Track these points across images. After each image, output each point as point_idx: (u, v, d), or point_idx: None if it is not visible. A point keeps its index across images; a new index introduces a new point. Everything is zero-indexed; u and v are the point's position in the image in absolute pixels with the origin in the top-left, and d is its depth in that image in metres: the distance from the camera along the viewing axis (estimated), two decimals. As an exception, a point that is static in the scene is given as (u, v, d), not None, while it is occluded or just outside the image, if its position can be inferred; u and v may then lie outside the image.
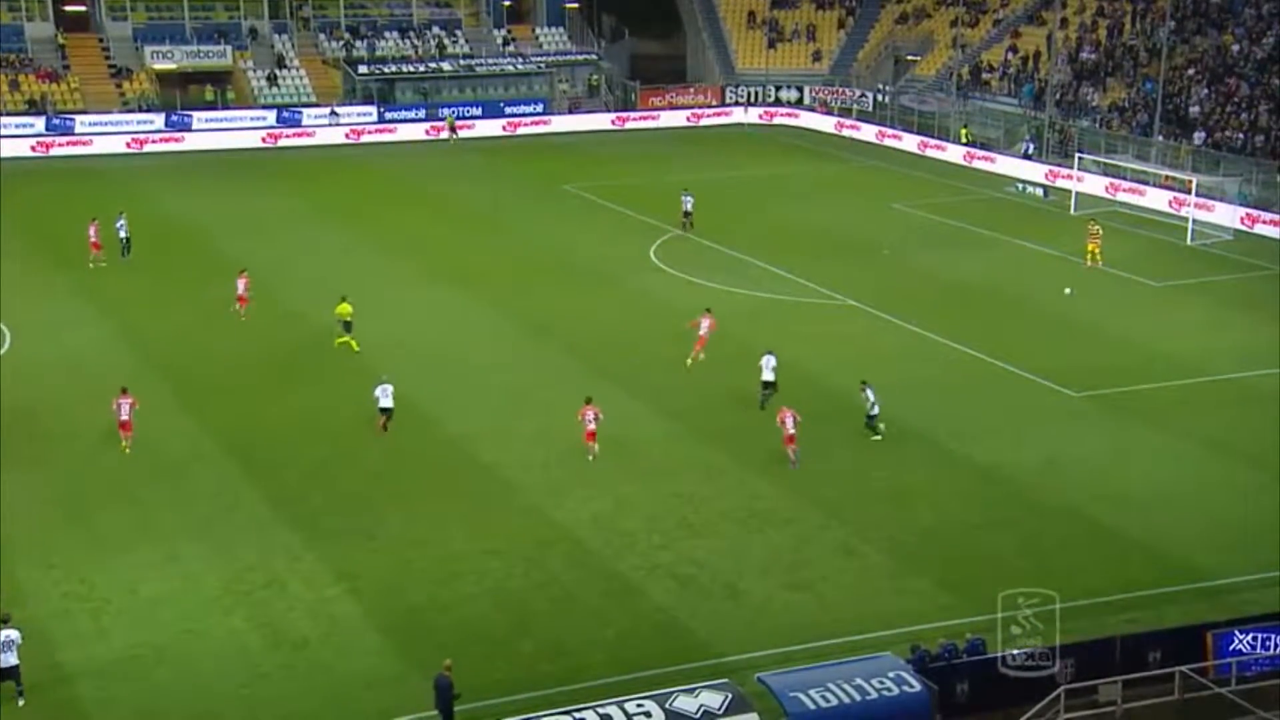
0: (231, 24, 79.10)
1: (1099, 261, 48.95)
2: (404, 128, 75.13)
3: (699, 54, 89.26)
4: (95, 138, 69.88)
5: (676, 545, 28.14)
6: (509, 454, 32.45)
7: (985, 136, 71.52)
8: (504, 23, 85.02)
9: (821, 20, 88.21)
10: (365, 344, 39.66)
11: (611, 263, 49.56)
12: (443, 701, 21.92)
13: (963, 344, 40.32)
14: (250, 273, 42.84)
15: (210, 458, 31.96)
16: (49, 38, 75.43)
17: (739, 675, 22.47)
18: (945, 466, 32.22)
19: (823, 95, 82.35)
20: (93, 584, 26.07)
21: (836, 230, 54.53)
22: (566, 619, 25.23)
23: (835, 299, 45.15)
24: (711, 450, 32.85)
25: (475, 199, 60.52)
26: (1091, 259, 49.08)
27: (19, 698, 22.65)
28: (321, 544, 27.83)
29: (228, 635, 24.63)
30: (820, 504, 30.01)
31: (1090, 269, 48.78)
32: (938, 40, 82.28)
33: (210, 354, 39.13)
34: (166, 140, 71.02)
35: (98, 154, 68.95)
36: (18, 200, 58.42)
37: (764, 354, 35.34)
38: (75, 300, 43.80)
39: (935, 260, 49.85)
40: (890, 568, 27.35)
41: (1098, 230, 49.78)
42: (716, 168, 67.33)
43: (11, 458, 31.54)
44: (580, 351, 39.51)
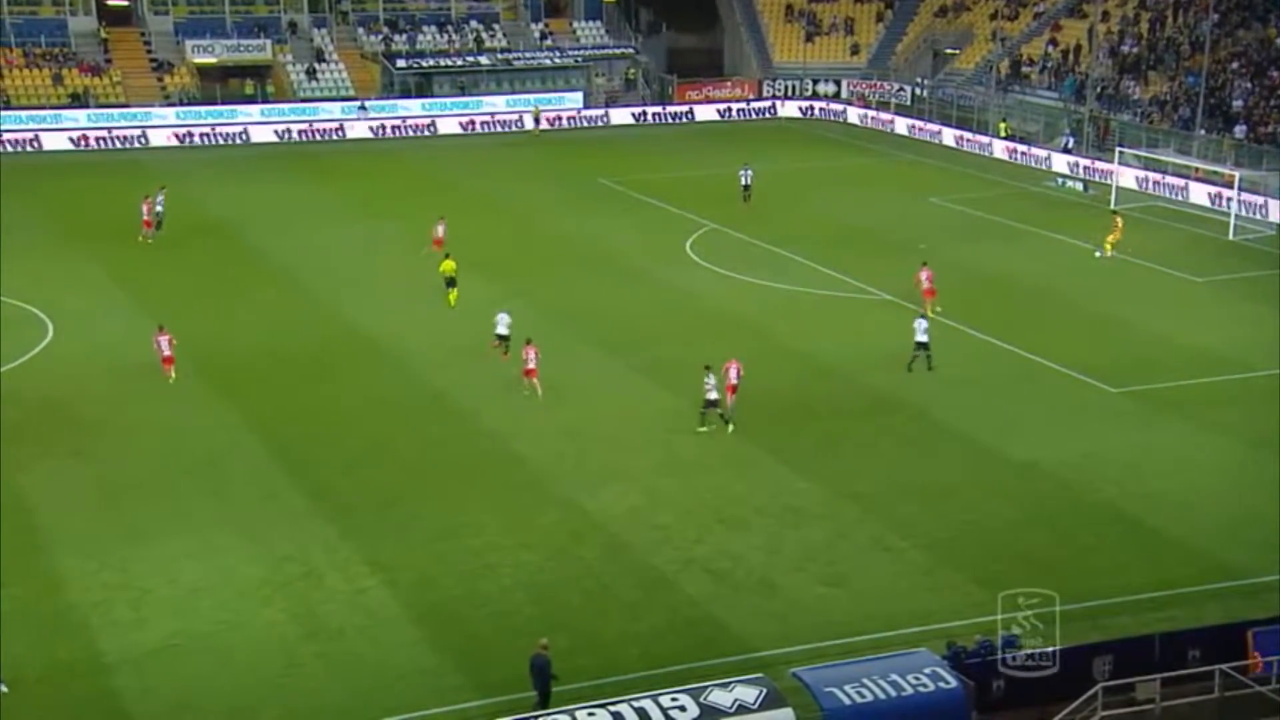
0: (271, 18, 79.47)
1: (1110, 253, 48.68)
2: (441, 121, 75.23)
3: (736, 47, 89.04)
4: (142, 130, 70.27)
5: (711, 540, 28.10)
6: (542, 447, 32.48)
7: (1025, 130, 70.99)
8: (541, 16, 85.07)
9: (860, 13, 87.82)
10: (399, 336, 39.83)
11: (647, 256, 49.52)
12: (540, 681, 21.97)
13: (999, 339, 40.06)
14: (287, 266, 43.05)
15: (247, 449, 32.15)
16: (92, 31, 75.99)
17: (774, 670, 22.41)
18: (981, 462, 32.01)
19: (860, 89, 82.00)
20: (131, 573, 26.27)
21: (873, 224, 54.27)
22: (600, 613, 25.23)
23: (871, 293, 44.96)
24: (746, 444, 32.76)
25: (510, 192, 60.57)
26: (1110, 248, 48.77)
27: (3, 685, 22.57)
28: (357, 536, 27.95)
29: (265, 626, 24.77)
30: (855, 499, 29.89)
31: (1104, 259, 48.46)
32: (977, 33, 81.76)
33: (247, 346, 39.38)
34: (210, 133, 71.33)
35: (141, 147, 69.40)
36: (61, 193, 59.01)
37: (916, 318, 37.94)
38: (115, 292, 44.15)
39: (972, 254, 49.53)
40: (926, 564, 27.21)
41: (1119, 223, 49.51)
42: (754, 161, 67.07)
43: (52, 448, 31.85)
44: (614, 345, 39.51)
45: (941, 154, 70.16)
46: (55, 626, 24.56)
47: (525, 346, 35.46)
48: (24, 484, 30.05)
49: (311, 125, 72.91)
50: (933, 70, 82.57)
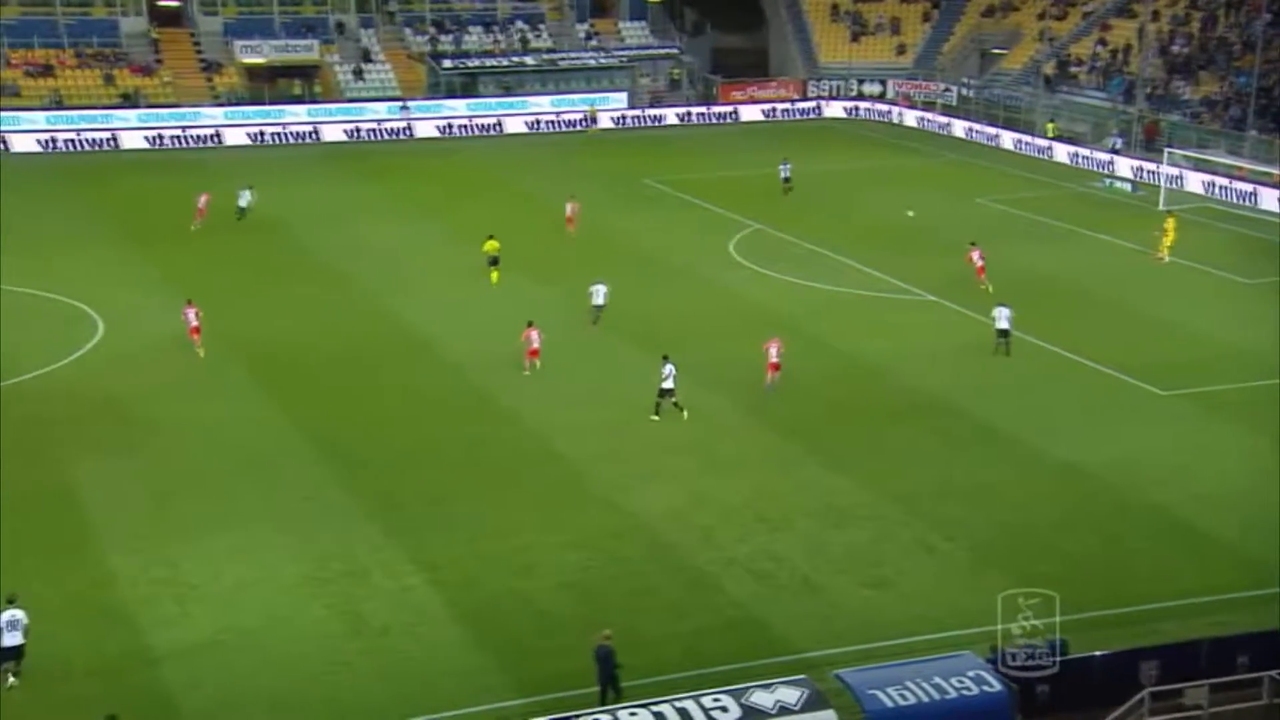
0: (319, 18, 80.00)
1: (1164, 255, 48.22)
2: (485, 121, 75.46)
3: (781, 48, 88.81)
4: (192, 129, 70.94)
5: (753, 540, 28.06)
6: (586, 446, 32.54)
7: (1073, 131, 70.45)
8: (587, 17, 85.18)
9: (906, 13, 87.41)
10: (444, 335, 40.00)
11: (690, 256, 49.50)
12: (605, 671, 22.08)
13: (1044, 340, 39.77)
14: (334, 264, 43.30)
15: (293, 446, 32.39)
16: (142, 32, 76.72)
17: (816, 672, 22.32)
18: (1026, 463, 31.81)
19: (906, 89, 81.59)
20: (179, 569, 26.53)
21: (918, 225, 54.00)
22: (643, 612, 25.24)
23: (915, 294, 44.75)
24: (789, 444, 32.72)
25: (554, 192, 60.64)
26: (1166, 251, 48.33)
27: (14, 676, 22.84)
28: (401, 534, 28.10)
29: (310, 622, 24.95)
30: (899, 500, 29.77)
31: (1157, 261, 48.02)
32: (1025, 33, 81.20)
33: (294, 344, 39.68)
34: (257, 133, 71.90)
35: (190, 147, 70.06)
36: (111, 192, 59.67)
37: (998, 305, 38.75)
38: (165, 290, 44.49)
39: (1018, 255, 49.18)
40: (970, 565, 27.06)
41: (1171, 225, 49.06)
42: (799, 161, 66.81)
43: (102, 445, 32.21)
44: (657, 345, 39.37)
45: (988, 154, 69.73)
46: (105, 621, 24.83)
47: (527, 329, 37.05)
48: (75, 479, 30.44)
49: (358, 125, 73.33)
50: (979, 70, 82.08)
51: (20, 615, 23.04)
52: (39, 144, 68.57)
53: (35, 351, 37.84)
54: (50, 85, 72.02)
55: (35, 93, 71.44)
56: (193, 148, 70.19)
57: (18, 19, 74.59)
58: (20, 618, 23.01)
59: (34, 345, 38.54)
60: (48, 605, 24.92)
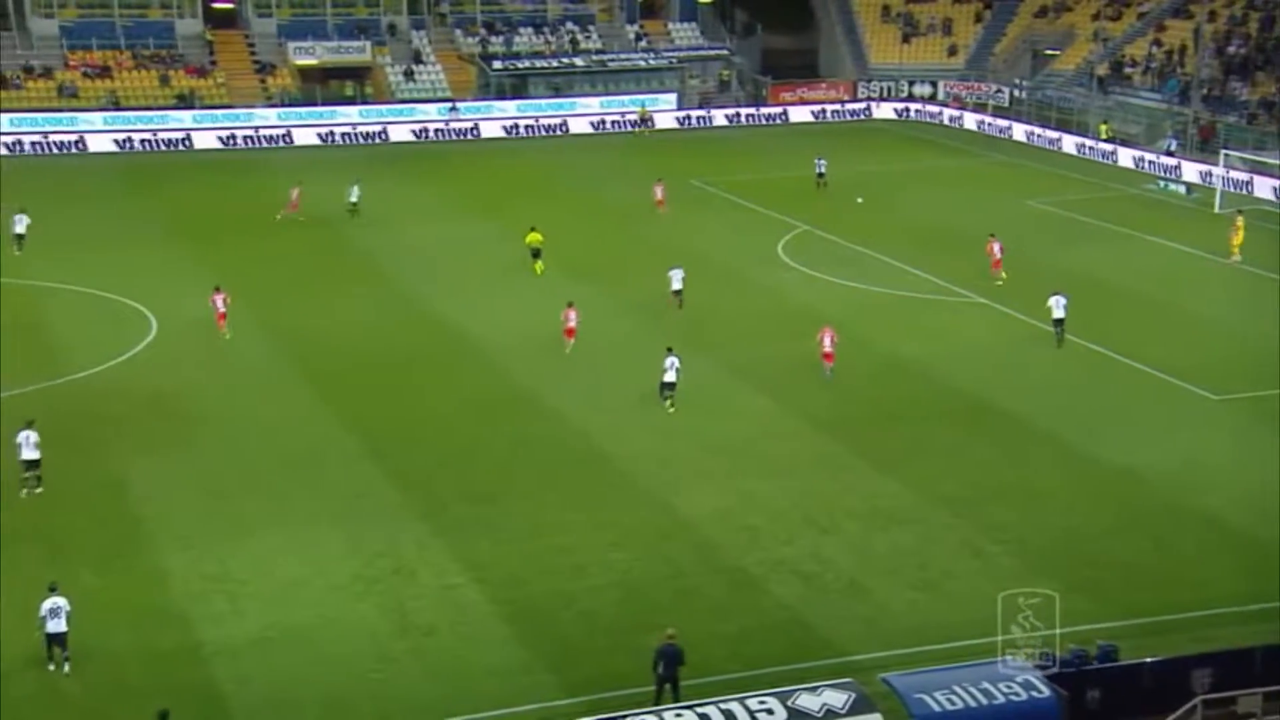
0: (371, 20, 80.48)
1: (1236, 255, 47.68)
2: (536, 122, 75.56)
3: (832, 49, 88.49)
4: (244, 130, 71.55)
5: (800, 542, 28.00)
6: (633, 447, 32.57)
7: (1126, 132, 69.75)
8: (637, 18, 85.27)
9: (958, 14, 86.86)
10: (493, 335, 40.16)
11: (738, 257, 49.43)
12: (669, 669, 22.09)
13: (1096, 343, 39.41)
14: (385, 263, 43.49)
15: (342, 445, 32.61)
16: (198, 34, 77.51)
17: (862, 675, 22.22)
18: (1076, 467, 31.55)
19: (957, 90, 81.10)
20: (230, 566, 26.78)
21: (968, 226, 53.57)
22: (689, 613, 25.16)
23: (964, 295, 44.48)
24: (836, 446, 32.62)
25: (602, 193, 60.80)
26: (1234, 250, 47.80)
27: (65, 664, 23.22)
28: (448, 533, 28.24)
29: (357, 620, 25.11)
30: (946, 503, 29.60)
31: (1231, 264, 47.45)
32: (1078, 34, 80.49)
33: (345, 342, 39.95)
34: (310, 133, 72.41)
35: (245, 148, 70.67)
36: (165, 191, 60.28)
37: (1052, 295, 38.96)
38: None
39: (1069, 257, 48.79)
40: (1018, 570, 26.79)
41: (1240, 224, 48.46)
42: (848, 163, 66.65)
43: (154, 442, 32.57)
44: (703, 345, 39.47)
45: (1039, 155, 69.17)
46: (157, 617, 25.09)
47: (566, 309, 38.40)
48: (128, 476, 30.81)
49: (408, 126, 73.70)
50: (1031, 71, 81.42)
51: (62, 602, 23.34)
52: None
53: (90, 350, 38.34)
54: (107, 86, 72.89)
55: (93, 94, 72.31)
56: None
57: (76, 21, 75.61)
58: (62, 605, 23.31)
59: (89, 343, 39.07)
60: (101, 601, 25.31)
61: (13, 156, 66.48)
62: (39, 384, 35.60)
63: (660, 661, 22.35)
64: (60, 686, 22.98)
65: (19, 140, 67.90)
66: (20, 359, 37.58)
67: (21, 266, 47.12)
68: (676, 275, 42.93)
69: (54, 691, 22.89)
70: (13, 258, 47.93)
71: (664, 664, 22.31)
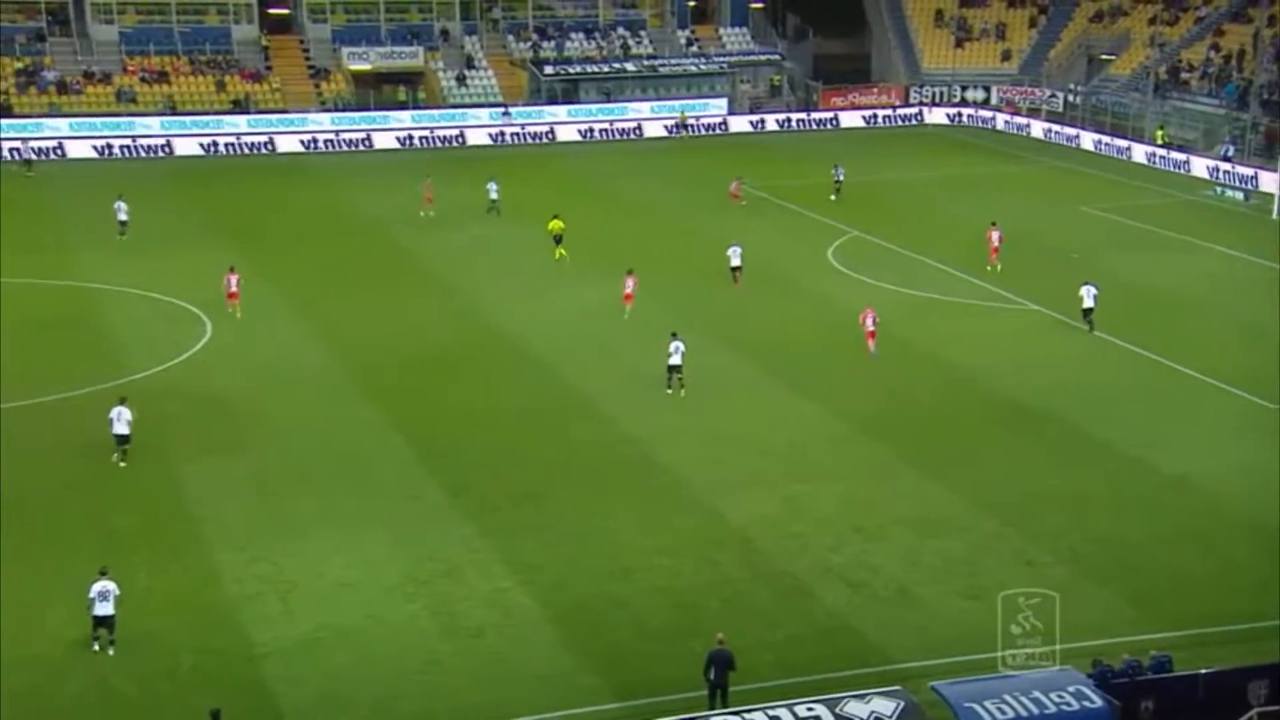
0: (424, 25, 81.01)
1: None
2: (585, 127, 75.79)
3: (884, 54, 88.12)
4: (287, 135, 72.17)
5: (848, 549, 27.88)
6: (680, 451, 32.55)
7: (1183, 138, 69.00)
8: (688, 23, 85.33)
9: (1012, 18, 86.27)
10: (542, 338, 40.26)
11: (789, 262, 49.30)
12: (720, 675, 22.08)
13: (1151, 351, 39.04)
14: (435, 266, 43.68)
15: (392, 447, 32.81)
16: (253, 39, 78.39)
17: (911, 683, 22.07)
18: (1128, 475, 31.24)
19: (1010, 95, 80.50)
20: (281, 567, 27.00)
21: (1021, 233, 53.14)
22: (736, 619, 25.12)
23: (1016, 302, 44.15)
24: (885, 452, 32.48)
25: (652, 197, 60.81)
26: None
27: (109, 646, 23.77)
28: (497, 535, 28.35)
29: (406, 621, 25.24)
30: (996, 511, 29.38)
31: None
32: (1134, 38, 79.69)
33: (395, 344, 40.18)
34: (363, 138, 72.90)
35: (299, 151, 71.24)
36: (219, 195, 60.86)
37: (1084, 284, 40.48)
38: (271, 292, 45.40)
39: (1124, 263, 48.35)
40: (1070, 579, 26.56)
41: None
42: (899, 168, 66.46)
43: (209, 443, 32.91)
44: (753, 350, 39.46)
45: (1094, 161, 68.59)
46: (210, 616, 25.35)
47: (627, 275, 41.49)
48: (184, 476, 31.14)
49: (460, 131, 74.08)
50: (1086, 76, 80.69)
51: (111, 586, 23.89)
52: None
53: (147, 352, 38.80)
54: (165, 91, 73.83)
55: (150, 99, 73.25)
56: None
57: (135, 27, 76.65)
58: (111, 589, 23.87)
59: (146, 346, 39.54)
60: (155, 600, 25.65)
61: (76, 161, 67.44)
62: (99, 385, 36.05)
63: (711, 666, 22.34)
64: (114, 684, 23.26)
65: (82, 143, 68.77)
66: (83, 360, 38.16)
67: (83, 269, 47.79)
68: (735, 252, 44.98)
69: (108, 688, 23.17)
70: (92, 257, 48.69)
71: (715, 669, 22.31)
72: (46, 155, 67.81)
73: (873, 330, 37.96)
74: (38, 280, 46.22)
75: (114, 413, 31.49)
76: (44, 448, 32.60)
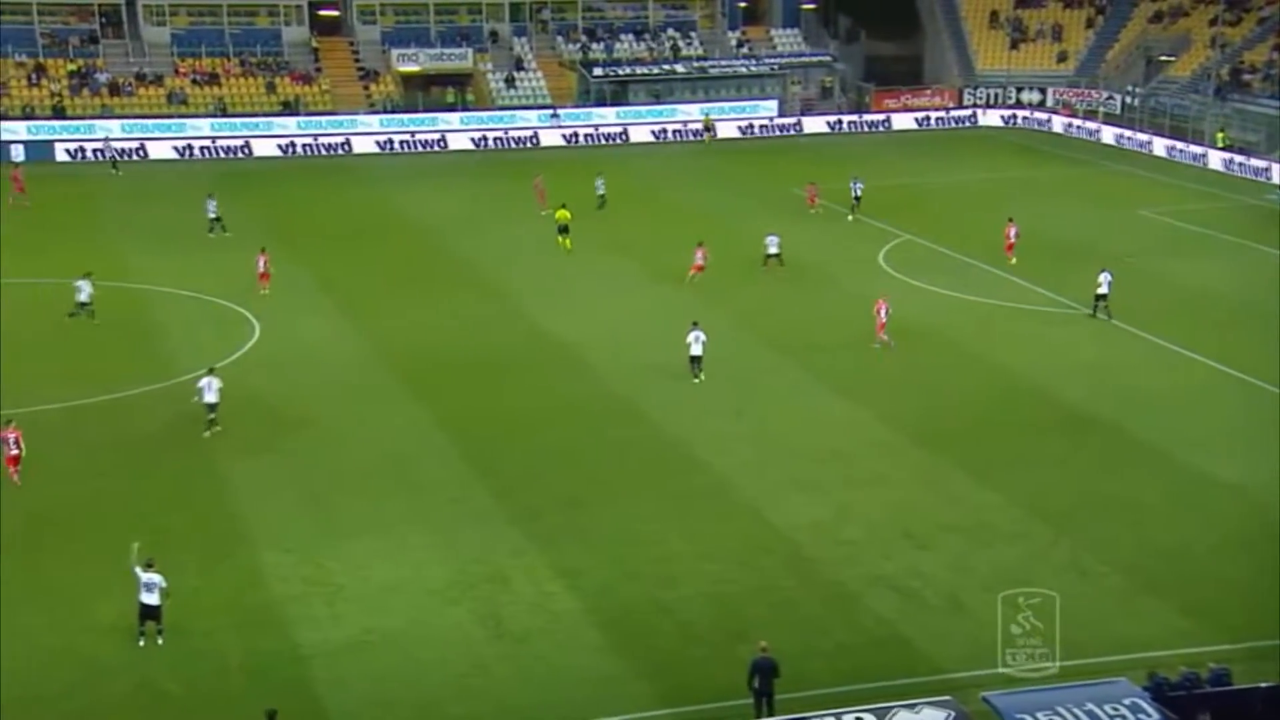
0: (474, 27, 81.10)
1: None
2: (635, 129, 75.69)
3: (937, 55, 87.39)
4: (347, 137, 72.40)
5: (898, 556, 27.50)
6: (727, 456, 32.27)
7: (1244, 140, 67.90)
8: (739, 24, 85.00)
9: (1068, 19, 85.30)
10: (587, 341, 40.06)
11: (839, 266, 48.91)
12: (765, 683, 21.87)
13: (1209, 357, 38.37)
14: (480, 268, 43.58)
15: (439, 450, 32.73)
16: (303, 41, 78.81)
17: (963, 693, 21.70)
18: (1186, 483, 30.67)
19: (1066, 97, 79.55)
20: (327, 569, 26.94)
21: (1076, 237, 52.56)
22: (784, 627, 24.83)
23: (1070, 307, 43.52)
24: (936, 458, 32.04)
25: (701, 200, 60.55)
26: None
27: (158, 636, 23.97)
28: (542, 539, 28.17)
29: (452, 625, 25.12)
30: (1050, 519, 28.90)
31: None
32: (1195, 39, 78.54)
33: (441, 346, 40.16)
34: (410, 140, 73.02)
35: (345, 154, 71.44)
36: (269, 197, 61.20)
37: (1100, 271, 41.62)
38: (318, 293, 45.56)
39: (1182, 268, 47.59)
40: (1126, 588, 26.13)
41: None
42: (953, 170, 65.86)
43: (255, 444, 32.95)
44: (802, 354, 39.10)
45: (1153, 165, 67.67)
46: (256, 617, 25.33)
47: (696, 248, 43.97)
48: (231, 477, 31.18)
49: (508, 133, 74.07)
50: (1144, 78, 79.58)
51: (157, 578, 24.06)
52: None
53: (195, 353, 38.88)
54: (215, 93, 74.33)
55: (200, 100, 73.74)
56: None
57: (186, 29, 77.24)
58: (157, 580, 24.04)
59: (194, 347, 39.62)
60: (203, 599, 25.67)
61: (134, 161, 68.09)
62: (147, 386, 36.28)
63: (755, 675, 22.09)
64: (160, 683, 23.27)
65: (142, 145, 69.30)
66: (133, 361, 38.39)
67: (134, 270, 48.09)
68: (773, 241, 46.96)
69: (154, 687, 23.18)
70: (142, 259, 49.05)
71: (759, 678, 22.05)
72: (130, 156, 68.32)
73: (883, 321, 38.52)
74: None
75: (203, 382, 33.08)
76: (93, 447, 32.76)
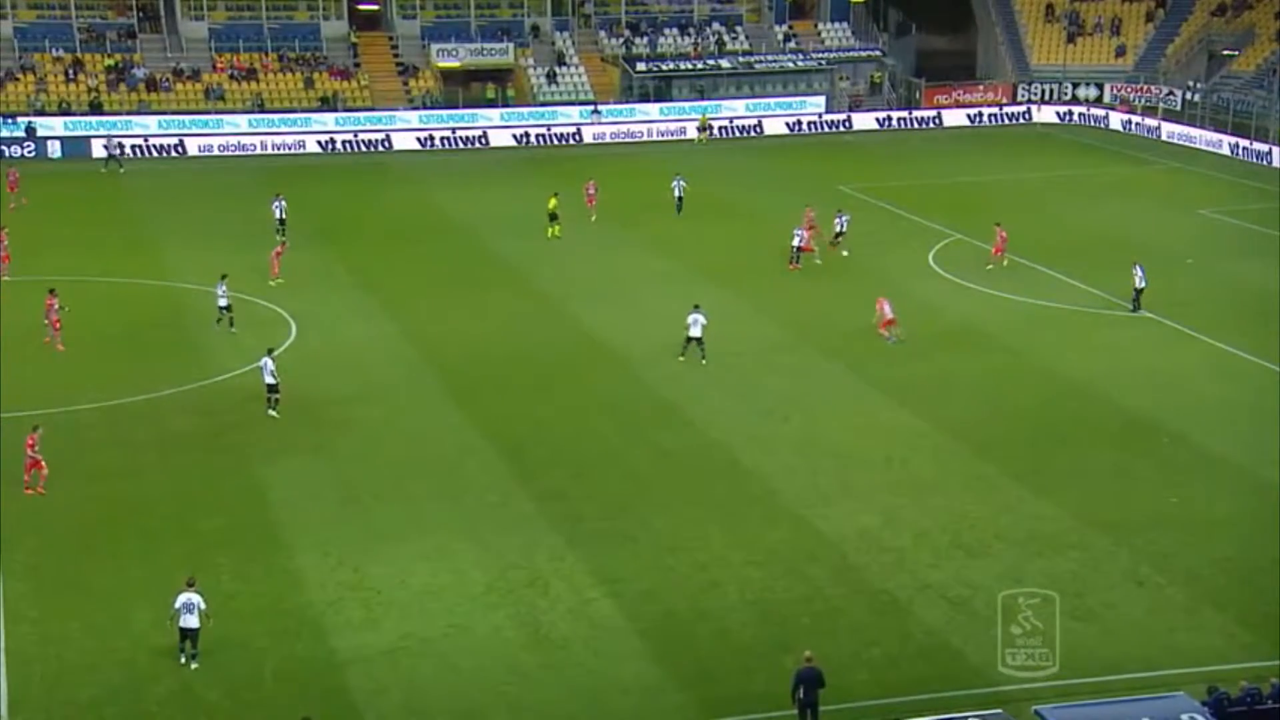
0: (515, 21, 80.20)
1: None
2: (677, 125, 74.73)
3: (990, 49, 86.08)
4: (386, 134, 72.10)
5: (948, 565, 26.86)
6: (773, 460, 31.71)
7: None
8: (786, 18, 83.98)
9: (1127, 13, 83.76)
10: (631, 343, 39.52)
11: (887, 266, 48.15)
12: (809, 694, 21.41)
13: (1271, 361, 37.37)
14: (522, 269, 43.02)
15: (479, 454, 32.31)
16: (342, 36, 77.88)
17: (1013, 706, 21.28)
18: (1251, 493, 29.87)
19: (1125, 93, 78.14)
20: (365, 574, 26.59)
21: (1134, 237, 51.48)
22: (830, 636, 24.31)
23: (1127, 309, 42.55)
24: (988, 465, 31.35)
25: (746, 198, 59.88)
26: None
27: (192, 660, 23.40)
28: (583, 545, 27.72)
29: (491, 632, 24.73)
30: (1108, 529, 28.15)
31: None
32: (1260, 33, 76.86)
33: (481, 348, 39.76)
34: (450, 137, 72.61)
35: (384, 151, 71.09)
36: (306, 195, 60.90)
37: (1135, 264, 41.42)
38: (357, 293, 45.27)
39: (1244, 270, 46.53)
40: (1186, 601, 25.43)
41: None
42: (1006, 169, 64.90)
43: (293, 446, 32.66)
44: (850, 358, 38.42)
45: (1215, 163, 66.38)
46: (294, 623, 25.02)
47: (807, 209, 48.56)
48: (268, 480, 30.89)
49: (549, 129, 73.42)
50: (1206, 73, 78.03)
51: (196, 599, 23.51)
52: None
53: (232, 353, 38.64)
54: (253, 89, 73.64)
55: (238, 96, 73.14)
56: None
57: (224, 24, 76.78)
58: (196, 601, 23.48)
59: (231, 347, 39.27)
60: (239, 604, 25.40)
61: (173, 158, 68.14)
62: (184, 385, 36.10)
63: (800, 686, 21.57)
64: (198, 689, 23.00)
65: (180, 141, 69.07)
66: (170, 361, 38.15)
67: (170, 269, 48.01)
68: (842, 219, 49.06)
69: (192, 694, 22.92)
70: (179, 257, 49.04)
71: (804, 688, 21.54)
72: (167, 153, 68.22)
73: (891, 318, 38.46)
74: (128, 280, 46.43)
75: (261, 363, 34.45)
76: (132, 447, 32.56)
